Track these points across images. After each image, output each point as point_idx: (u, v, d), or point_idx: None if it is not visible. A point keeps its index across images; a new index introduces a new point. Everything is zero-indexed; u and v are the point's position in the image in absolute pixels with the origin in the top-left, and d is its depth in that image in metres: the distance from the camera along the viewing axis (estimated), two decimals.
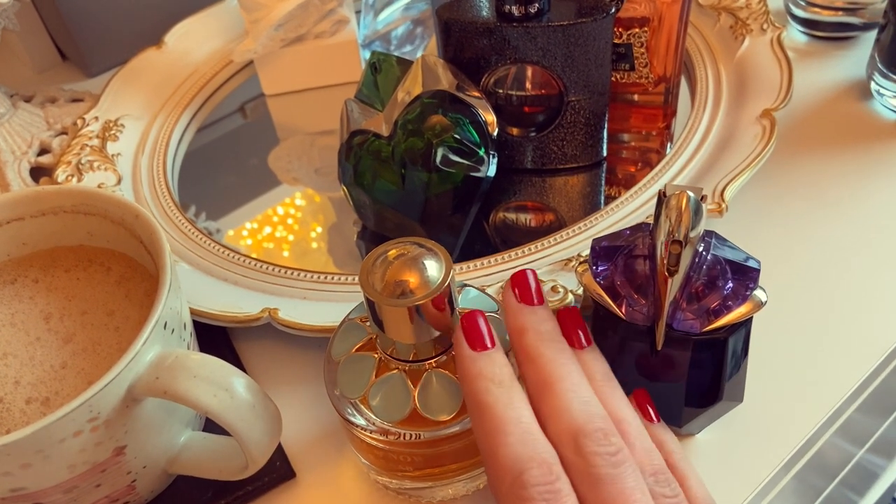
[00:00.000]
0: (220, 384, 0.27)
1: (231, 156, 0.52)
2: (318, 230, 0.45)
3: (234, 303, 0.37)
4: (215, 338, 0.38)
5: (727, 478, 0.31)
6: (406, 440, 0.27)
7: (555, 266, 0.37)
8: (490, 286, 0.36)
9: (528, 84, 0.43)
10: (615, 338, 0.30)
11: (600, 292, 0.29)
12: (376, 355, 0.28)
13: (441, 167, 0.39)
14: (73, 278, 0.33)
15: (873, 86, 0.47)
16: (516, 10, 0.40)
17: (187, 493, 0.32)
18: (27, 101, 0.54)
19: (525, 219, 0.44)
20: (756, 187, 0.42)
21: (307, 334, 0.36)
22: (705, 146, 0.42)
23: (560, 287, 0.35)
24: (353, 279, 0.38)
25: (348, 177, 0.41)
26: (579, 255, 0.37)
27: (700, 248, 0.28)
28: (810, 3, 0.51)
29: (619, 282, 0.29)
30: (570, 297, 0.35)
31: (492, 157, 0.41)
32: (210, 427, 0.32)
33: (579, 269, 0.31)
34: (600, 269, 0.29)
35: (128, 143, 0.49)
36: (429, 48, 0.55)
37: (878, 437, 0.61)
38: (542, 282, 0.36)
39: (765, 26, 0.48)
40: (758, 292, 0.28)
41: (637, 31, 0.43)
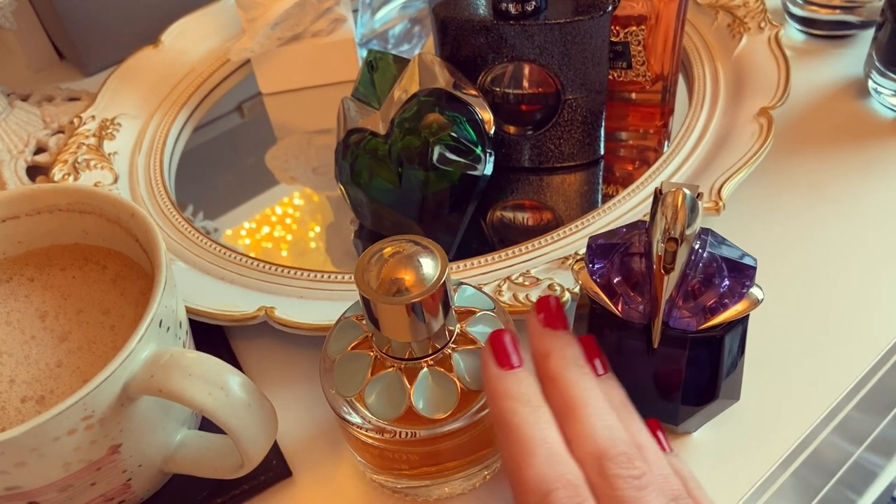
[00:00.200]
0: (216, 382, 0.27)
1: (228, 155, 0.52)
2: (317, 230, 0.45)
3: (231, 301, 0.37)
4: (212, 337, 0.38)
5: (724, 476, 0.31)
6: (401, 438, 0.27)
7: (552, 264, 0.37)
8: (487, 284, 0.36)
9: (525, 82, 0.43)
10: (611, 336, 0.30)
11: (597, 290, 0.29)
12: (372, 353, 0.28)
13: (438, 165, 0.39)
14: (68, 277, 0.33)
15: (871, 84, 0.47)
16: (513, 8, 0.39)
17: (183, 491, 0.32)
18: (24, 99, 0.54)
19: (522, 217, 0.43)
20: (753, 186, 0.42)
21: (304, 333, 0.36)
22: (702, 144, 0.42)
23: (557, 285, 0.35)
24: (350, 278, 0.38)
25: (345, 175, 0.41)
26: (576, 253, 0.37)
27: (696, 246, 0.28)
28: (808, 2, 0.51)
29: (615, 280, 0.28)
30: (567, 296, 0.34)
31: (489, 155, 0.41)
32: (206, 426, 0.32)
33: (576, 267, 0.30)
34: (597, 266, 0.29)
35: (124, 141, 0.49)
36: (426, 47, 0.55)
37: (875, 436, 0.61)
38: (539, 280, 0.36)
39: (762, 24, 0.48)
40: (754, 290, 0.28)
41: (634, 29, 0.43)
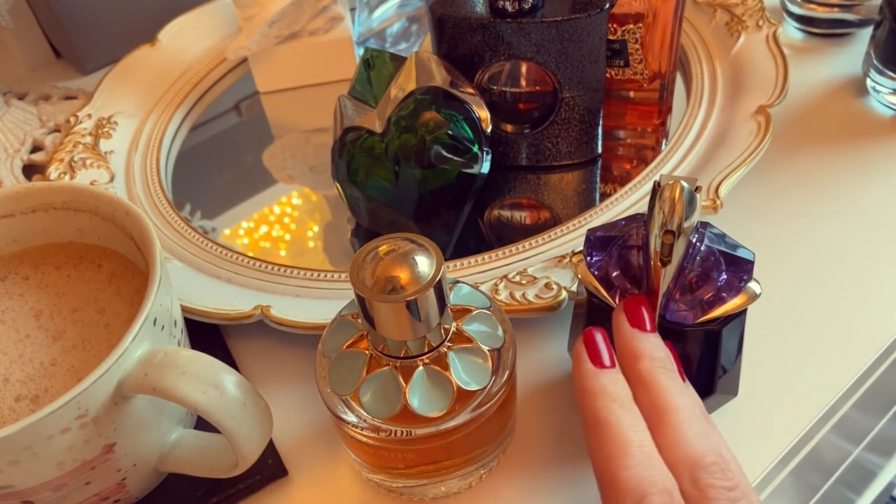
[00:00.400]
0: (210, 381, 0.26)
1: (225, 154, 0.52)
2: (315, 229, 0.45)
3: (227, 300, 0.37)
4: (208, 336, 0.38)
5: None
6: (397, 437, 0.27)
7: (549, 263, 0.37)
8: (484, 283, 0.36)
9: (522, 80, 0.43)
10: (609, 329, 0.29)
11: (595, 283, 0.29)
12: (367, 352, 0.28)
13: (435, 164, 0.39)
14: (63, 275, 0.33)
15: (869, 82, 0.47)
16: (510, 6, 0.39)
17: (178, 490, 0.32)
18: (20, 98, 0.53)
19: (520, 216, 0.43)
20: (751, 184, 0.42)
21: (299, 332, 0.35)
22: (700, 143, 0.42)
23: (554, 284, 0.35)
24: (346, 276, 0.38)
25: (342, 174, 0.41)
26: (574, 251, 0.37)
27: (694, 239, 0.27)
28: (806, 0, 0.51)
29: (613, 272, 0.28)
30: (564, 294, 0.34)
31: (486, 153, 0.41)
32: (202, 425, 0.32)
33: (574, 260, 0.30)
34: (595, 259, 0.29)
35: (121, 140, 0.49)
36: (424, 46, 0.55)
37: (874, 435, 0.61)
38: (536, 279, 0.36)
39: (760, 23, 0.48)
40: (752, 284, 0.27)
41: (632, 27, 0.43)
